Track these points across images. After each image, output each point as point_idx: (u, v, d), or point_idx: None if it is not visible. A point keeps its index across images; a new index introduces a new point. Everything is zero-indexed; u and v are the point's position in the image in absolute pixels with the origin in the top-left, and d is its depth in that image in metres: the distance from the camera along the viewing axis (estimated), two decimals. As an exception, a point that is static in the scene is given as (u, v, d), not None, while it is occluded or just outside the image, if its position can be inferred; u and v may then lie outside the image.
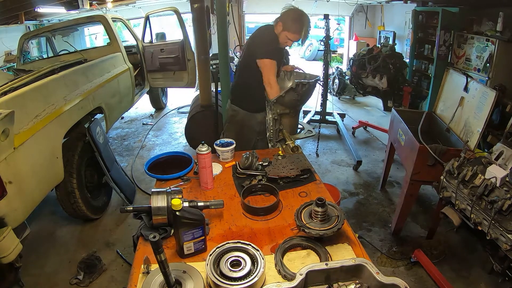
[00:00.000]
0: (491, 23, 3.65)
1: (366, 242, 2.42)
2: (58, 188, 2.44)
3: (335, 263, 0.91)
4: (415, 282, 2.11)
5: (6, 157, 1.73)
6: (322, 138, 4.25)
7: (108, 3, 5.21)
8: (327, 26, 4.36)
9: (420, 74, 5.01)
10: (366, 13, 7.37)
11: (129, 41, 5.73)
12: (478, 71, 3.71)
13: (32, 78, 2.30)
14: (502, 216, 1.49)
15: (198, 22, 3.30)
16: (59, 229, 2.73)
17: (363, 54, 4.90)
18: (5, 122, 1.63)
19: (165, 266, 0.88)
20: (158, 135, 4.79)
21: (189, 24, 5.39)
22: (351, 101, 6.24)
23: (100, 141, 2.74)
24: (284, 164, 1.68)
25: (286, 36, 2.07)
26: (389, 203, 3.01)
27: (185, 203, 1.21)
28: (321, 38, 4.53)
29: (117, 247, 2.49)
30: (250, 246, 1.06)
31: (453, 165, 1.85)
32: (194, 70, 4.61)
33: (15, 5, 4.36)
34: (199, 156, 1.49)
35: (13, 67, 4.58)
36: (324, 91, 4.54)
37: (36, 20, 5.76)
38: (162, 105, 5.96)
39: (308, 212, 1.19)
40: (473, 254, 2.31)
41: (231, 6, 4.38)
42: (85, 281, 2.15)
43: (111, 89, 3.46)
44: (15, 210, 1.82)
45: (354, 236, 1.22)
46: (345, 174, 3.56)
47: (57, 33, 4.57)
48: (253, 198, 1.50)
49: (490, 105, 1.99)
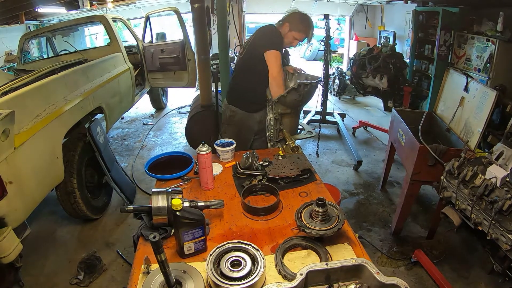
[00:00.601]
0: (491, 23, 3.65)
1: (366, 242, 2.42)
2: (58, 188, 2.44)
3: (335, 263, 0.91)
4: (415, 282, 2.10)
5: (6, 157, 1.73)
6: (322, 138, 4.26)
7: (108, 3, 5.22)
8: (327, 26, 4.36)
9: (421, 74, 5.01)
10: (366, 13, 7.37)
11: (129, 41, 5.74)
12: (479, 71, 3.71)
13: (32, 78, 2.30)
14: (503, 216, 1.49)
15: (198, 22, 3.30)
16: (59, 229, 2.73)
17: (364, 54, 4.91)
18: (5, 122, 1.64)
19: (165, 266, 0.88)
20: (159, 135, 4.79)
21: (189, 24, 5.39)
22: (352, 101, 6.24)
23: (100, 141, 2.74)
24: (284, 164, 1.68)
25: (293, 36, 2.13)
26: (389, 203, 3.01)
27: (185, 203, 1.21)
28: (321, 38, 4.54)
29: (117, 247, 2.49)
30: (250, 246, 1.06)
31: (454, 165, 1.85)
32: (194, 70, 4.61)
33: (15, 5, 4.37)
34: (199, 156, 1.49)
35: (13, 67, 4.58)
36: (325, 91, 4.54)
37: (36, 20, 5.76)
38: (163, 105, 5.96)
39: (309, 212, 1.19)
40: (473, 254, 2.31)
41: (231, 6, 4.37)
42: (85, 281, 2.15)
43: (111, 89, 3.46)
44: (15, 210, 1.82)
45: (354, 236, 1.22)
46: (345, 174, 3.56)
47: (57, 33, 4.57)
48: (253, 198, 1.50)
49: (490, 105, 1.99)
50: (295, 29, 2.11)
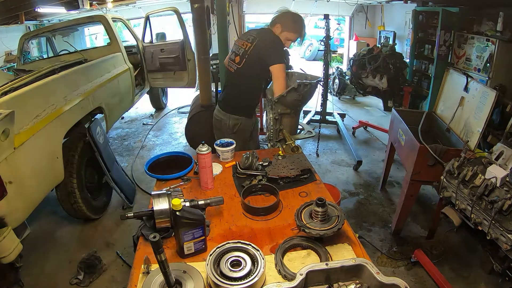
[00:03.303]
0: (491, 23, 3.65)
1: (366, 242, 2.42)
2: (59, 188, 2.44)
3: (335, 263, 0.91)
4: (415, 282, 2.11)
5: (6, 157, 1.73)
6: (322, 138, 4.26)
7: (108, 3, 5.21)
8: (327, 26, 4.36)
9: (420, 74, 5.01)
10: (366, 13, 7.37)
11: (129, 41, 5.73)
12: (478, 71, 3.71)
13: (32, 78, 2.30)
14: (502, 216, 1.49)
15: (198, 22, 3.29)
16: (59, 229, 2.73)
17: (363, 54, 4.90)
18: (5, 122, 1.64)
19: (165, 266, 0.88)
20: (158, 135, 4.79)
21: (189, 24, 5.39)
22: (351, 101, 6.24)
23: (100, 141, 2.74)
24: (284, 164, 1.68)
25: (286, 37, 2.09)
26: (389, 203, 3.01)
27: (185, 203, 1.21)
28: (321, 38, 4.53)
29: (117, 247, 2.49)
30: (250, 246, 1.06)
31: (453, 165, 1.85)
32: (194, 70, 4.61)
33: (15, 5, 4.37)
34: (199, 156, 1.49)
35: (13, 67, 4.58)
36: (324, 91, 4.54)
37: (36, 20, 5.76)
38: (162, 105, 5.96)
39: (308, 212, 1.19)
40: (473, 254, 2.31)
41: (231, 6, 4.38)
42: (85, 281, 2.15)
43: (111, 89, 3.46)
44: (15, 210, 1.82)
45: (354, 236, 1.22)
46: (345, 174, 3.56)
47: (57, 33, 4.57)
48: (253, 198, 1.50)
49: (490, 105, 1.99)
50: (288, 29, 2.07)
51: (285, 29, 2.07)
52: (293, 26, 2.08)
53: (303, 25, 2.13)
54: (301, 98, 2.08)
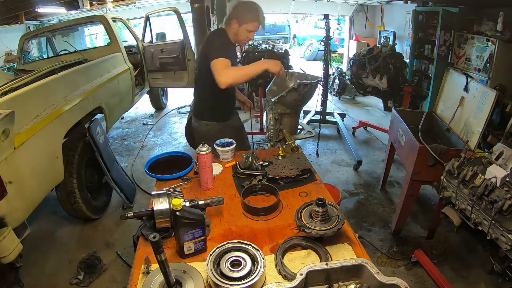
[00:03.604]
0: (491, 23, 3.65)
1: (366, 242, 2.42)
2: (59, 188, 2.44)
3: (335, 263, 0.91)
4: (415, 282, 2.11)
5: (6, 157, 1.73)
6: (322, 138, 4.26)
7: (108, 3, 5.22)
8: (327, 26, 4.36)
9: (420, 74, 5.01)
10: (366, 13, 7.37)
11: (129, 41, 5.74)
12: (478, 71, 3.71)
13: (32, 78, 2.30)
14: (502, 216, 1.49)
15: (198, 22, 3.30)
16: (59, 229, 2.73)
17: (363, 54, 4.89)
18: (5, 122, 1.64)
19: (165, 266, 0.88)
20: (158, 135, 4.79)
21: (189, 24, 5.39)
22: (351, 101, 6.24)
23: (100, 141, 2.74)
24: (284, 164, 1.68)
25: (246, 29, 1.96)
26: (389, 203, 3.01)
27: (185, 203, 1.21)
28: (321, 38, 4.54)
29: (117, 247, 2.49)
30: (250, 246, 1.05)
31: (453, 165, 1.85)
32: (194, 70, 4.60)
33: (15, 5, 4.38)
34: (199, 156, 1.49)
35: (13, 67, 4.58)
36: (324, 91, 4.54)
37: (36, 20, 5.77)
38: (162, 105, 5.96)
39: (308, 212, 1.19)
40: (473, 254, 2.31)
41: (231, 6, 4.38)
42: (85, 281, 2.15)
43: (111, 89, 3.46)
44: (15, 210, 1.82)
45: (354, 236, 1.22)
46: (345, 174, 3.56)
47: (57, 33, 4.57)
48: (253, 198, 1.50)
49: (490, 105, 1.99)
50: (245, 21, 1.93)
51: (243, 22, 1.94)
52: (249, 16, 1.94)
53: (259, 11, 1.97)
54: (301, 98, 2.09)
